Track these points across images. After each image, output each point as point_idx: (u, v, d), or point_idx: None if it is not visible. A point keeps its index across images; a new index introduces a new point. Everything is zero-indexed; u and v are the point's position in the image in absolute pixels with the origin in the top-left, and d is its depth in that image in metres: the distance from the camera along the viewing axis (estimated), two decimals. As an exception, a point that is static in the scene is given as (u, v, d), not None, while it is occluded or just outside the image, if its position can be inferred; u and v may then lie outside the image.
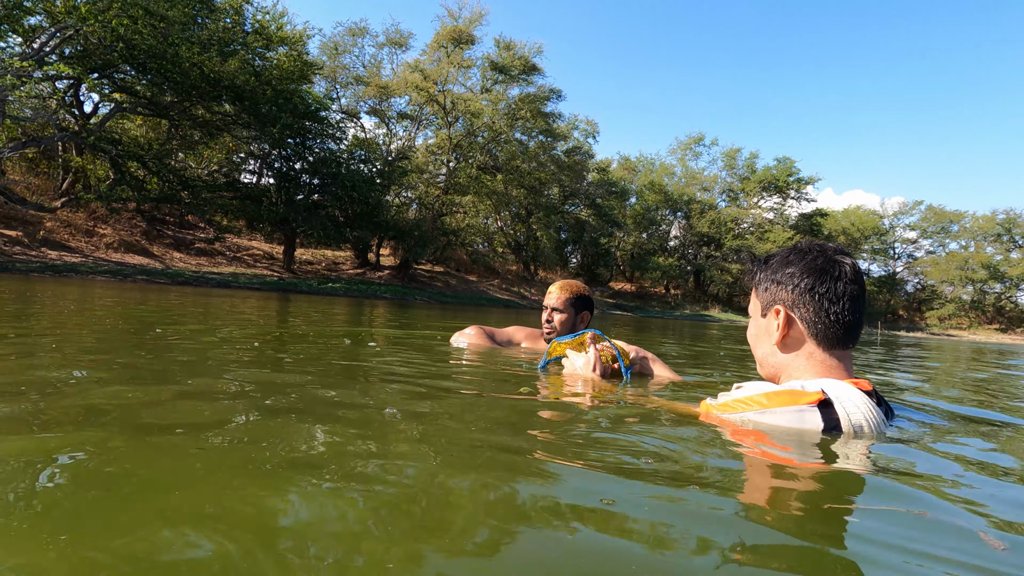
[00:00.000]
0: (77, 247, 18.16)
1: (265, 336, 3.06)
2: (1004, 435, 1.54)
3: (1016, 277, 44.47)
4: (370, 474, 0.83)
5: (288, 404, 1.28)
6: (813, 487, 0.92)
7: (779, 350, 1.43)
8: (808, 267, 1.39)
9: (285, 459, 0.88)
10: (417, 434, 1.07)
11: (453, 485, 0.81)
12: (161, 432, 0.99)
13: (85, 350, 1.98)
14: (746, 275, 1.59)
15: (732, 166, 44.21)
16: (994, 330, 44.94)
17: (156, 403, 1.22)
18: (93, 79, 15.92)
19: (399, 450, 0.96)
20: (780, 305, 1.41)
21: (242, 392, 1.38)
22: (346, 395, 1.43)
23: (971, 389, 2.92)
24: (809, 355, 1.39)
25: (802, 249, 1.45)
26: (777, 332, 1.40)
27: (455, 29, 27.98)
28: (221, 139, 20.75)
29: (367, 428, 1.10)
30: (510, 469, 0.90)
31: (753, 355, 1.54)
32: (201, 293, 10.08)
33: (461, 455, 0.95)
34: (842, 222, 49.12)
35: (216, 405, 1.23)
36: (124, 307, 4.76)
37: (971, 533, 0.75)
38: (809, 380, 1.35)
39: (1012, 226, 46.65)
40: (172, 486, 0.75)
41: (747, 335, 1.58)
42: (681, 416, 1.42)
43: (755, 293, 1.51)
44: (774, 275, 1.45)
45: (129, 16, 14.19)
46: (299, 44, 19.71)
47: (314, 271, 24.47)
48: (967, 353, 8.99)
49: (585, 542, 0.66)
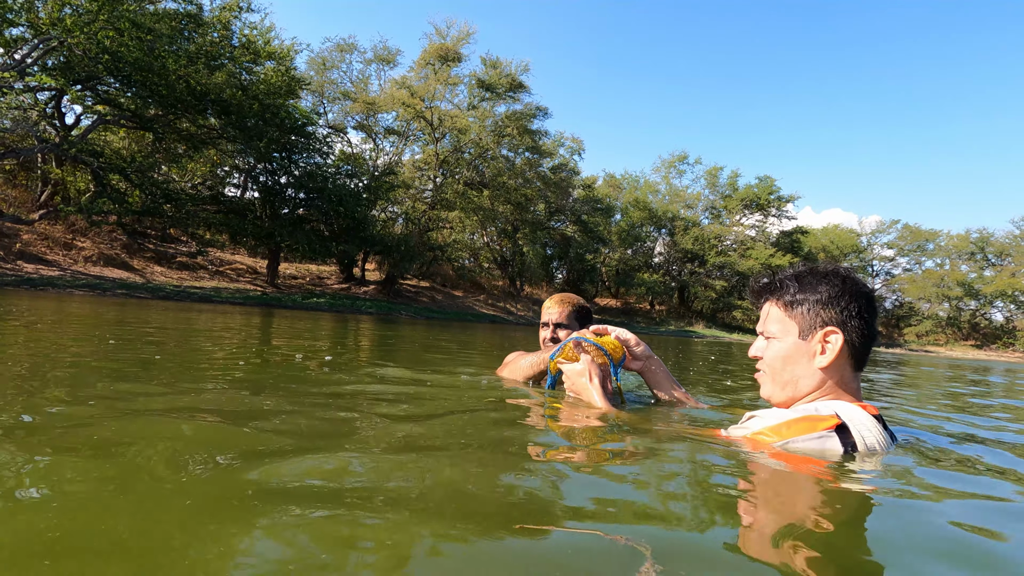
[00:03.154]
0: (55, 260, 17.79)
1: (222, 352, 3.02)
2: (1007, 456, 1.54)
3: (990, 295, 45.55)
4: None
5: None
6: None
7: (821, 373, 1.39)
8: (855, 289, 1.40)
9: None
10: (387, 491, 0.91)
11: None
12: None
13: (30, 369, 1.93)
14: (768, 292, 1.53)
15: (715, 184, 44.94)
16: (970, 346, 45.87)
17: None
18: (76, 91, 15.75)
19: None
20: (835, 327, 1.37)
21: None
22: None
23: (962, 409, 2.97)
24: (841, 378, 1.40)
25: (835, 271, 1.44)
26: (829, 355, 1.37)
27: (442, 47, 28.26)
28: (206, 152, 20.59)
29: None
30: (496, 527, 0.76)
31: (769, 376, 1.47)
32: (182, 308, 9.92)
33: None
34: (822, 240, 50.05)
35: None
36: (84, 322, 4.67)
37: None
38: (821, 402, 1.36)
39: (985, 245, 47.92)
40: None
41: (765, 355, 1.49)
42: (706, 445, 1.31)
43: (787, 312, 1.45)
44: (818, 295, 1.41)
45: (115, 28, 14.11)
46: (287, 59, 19.74)
47: (298, 286, 24.23)
48: (946, 370, 9.16)
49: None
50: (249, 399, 1.54)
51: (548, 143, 32.41)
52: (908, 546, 0.76)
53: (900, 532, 0.81)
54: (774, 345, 1.46)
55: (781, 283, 1.48)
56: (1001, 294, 44.97)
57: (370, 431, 1.24)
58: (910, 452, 1.39)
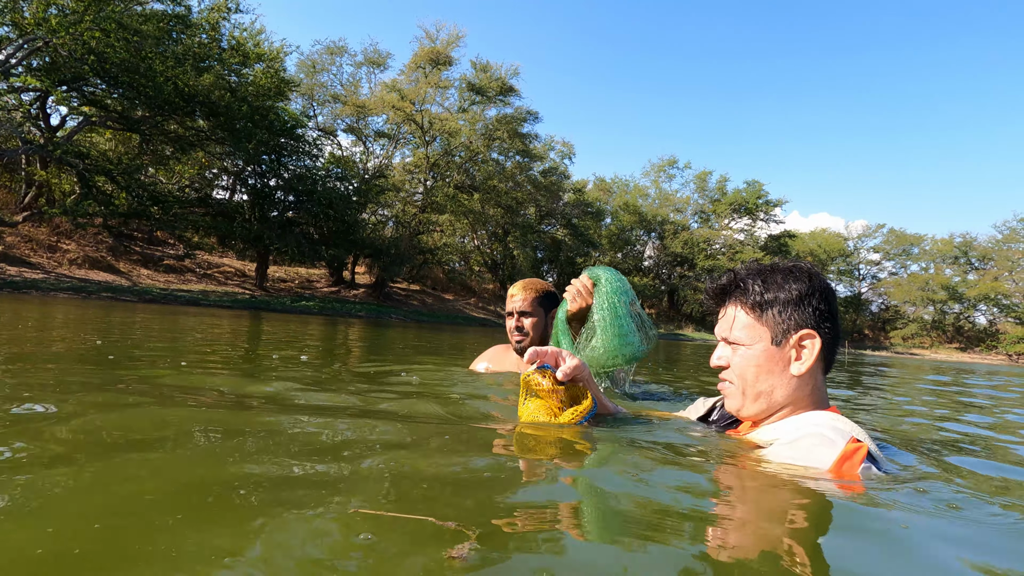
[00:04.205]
0: (38, 263, 17.55)
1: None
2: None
3: (973, 298, 46.24)
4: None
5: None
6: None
7: (796, 381, 1.26)
8: (822, 286, 1.28)
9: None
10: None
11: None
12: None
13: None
14: (730, 293, 1.37)
15: (704, 188, 45.33)
16: (954, 349, 46.51)
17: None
18: (61, 92, 15.58)
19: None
20: (810, 329, 1.24)
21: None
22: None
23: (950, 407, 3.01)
24: (815, 384, 1.29)
25: (799, 267, 1.32)
26: (806, 361, 1.25)
27: (433, 50, 28.30)
28: (194, 154, 20.44)
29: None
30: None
31: (738, 387, 1.32)
32: (169, 312, 9.83)
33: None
34: (809, 244, 50.60)
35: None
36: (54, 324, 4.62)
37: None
38: (814, 414, 1.24)
39: (968, 249, 48.67)
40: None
41: (732, 363, 1.33)
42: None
43: (756, 315, 1.30)
44: (788, 295, 1.27)
45: (101, 29, 13.98)
46: (276, 61, 19.66)
47: (287, 289, 24.08)
48: (929, 373, 9.28)
49: None
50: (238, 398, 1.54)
51: (538, 147, 32.54)
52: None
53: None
54: (743, 353, 1.30)
55: (745, 282, 1.33)
56: (984, 297, 45.68)
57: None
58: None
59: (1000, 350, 44.01)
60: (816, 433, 1.15)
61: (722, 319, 1.38)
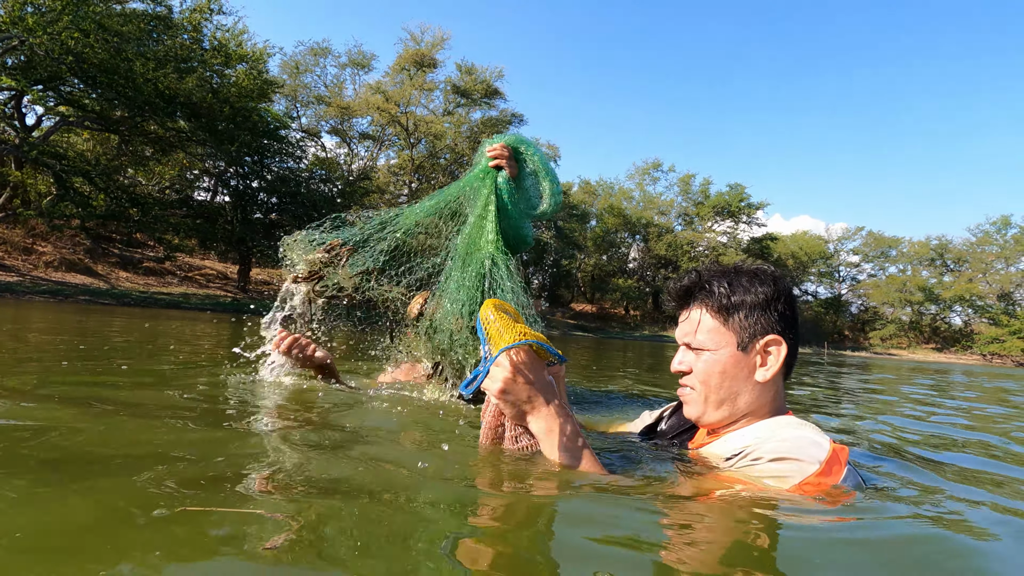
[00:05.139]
0: (13, 265, 17.18)
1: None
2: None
3: (949, 299, 47.26)
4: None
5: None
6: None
7: (760, 387, 1.23)
8: (786, 290, 1.25)
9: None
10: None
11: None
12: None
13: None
14: (694, 295, 1.30)
15: (687, 191, 45.78)
16: (931, 349, 47.48)
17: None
18: (37, 91, 15.29)
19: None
20: (776, 334, 1.21)
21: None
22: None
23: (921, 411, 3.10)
24: (776, 391, 1.26)
25: (763, 270, 1.28)
26: (772, 367, 1.21)
27: (417, 52, 28.27)
28: (174, 156, 20.17)
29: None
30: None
31: (701, 394, 1.26)
32: (149, 315, 9.70)
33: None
34: (791, 246, 51.31)
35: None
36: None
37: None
38: (776, 421, 1.21)
39: (944, 251, 49.77)
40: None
41: (696, 369, 1.26)
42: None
43: (722, 319, 1.24)
44: (754, 298, 1.22)
45: (80, 30, 13.74)
46: (259, 62, 19.48)
47: (271, 291, 23.86)
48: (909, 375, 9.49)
49: None
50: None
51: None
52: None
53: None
54: (707, 358, 1.24)
55: (710, 284, 1.27)
56: (959, 299, 46.73)
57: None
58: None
59: (975, 350, 45.02)
60: (793, 447, 1.10)
61: (684, 322, 1.31)
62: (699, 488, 1.05)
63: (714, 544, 0.81)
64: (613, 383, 3.56)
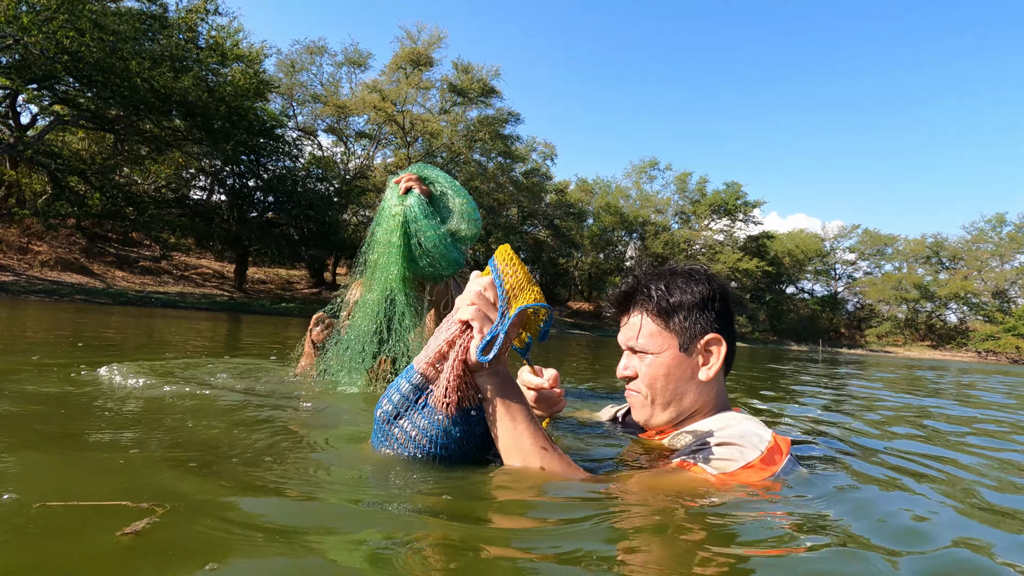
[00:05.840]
0: (8, 265, 17.14)
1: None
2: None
3: (944, 297, 47.47)
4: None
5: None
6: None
7: (703, 387, 1.25)
8: (722, 288, 1.28)
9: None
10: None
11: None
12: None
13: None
14: (634, 301, 1.32)
15: (684, 189, 45.83)
16: (926, 347, 47.68)
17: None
18: (32, 90, 15.24)
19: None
20: (715, 333, 1.24)
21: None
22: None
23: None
24: (720, 388, 1.29)
25: (698, 269, 1.32)
26: (714, 365, 1.24)
27: (414, 51, 28.23)
28: (170, 155, 20.12)
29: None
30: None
31: (647, 397, 1.28)
32: (145, 314, 9.71)
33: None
34: (787, 244, 51.43)
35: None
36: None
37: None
38: (715, 420, 1.23)
39: (939, 249, 49.97)
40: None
41: (640, 373, 1.28)
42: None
43: (662, 322, 1.27)
44: (692, 299, 1.25)
45: (76, 28, 13.71)
46: (255, 61, 19.45)
47: (267, 291, 23.83)
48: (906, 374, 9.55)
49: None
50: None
51: (520, 148, 32.65)
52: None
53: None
54: (651, 361, 1.26)
55: (647, 289, 1.30)
56: (954, 296, 46.94)
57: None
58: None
59: (970, 347, 45.25)
60: (736, 435, 1.11)
61: (626, 327, 1.34)
62: (641, 476, 1.06)
63: (648, 532, 0.82)
64: (613, 380, 3.60)
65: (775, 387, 3.89)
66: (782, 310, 48.31)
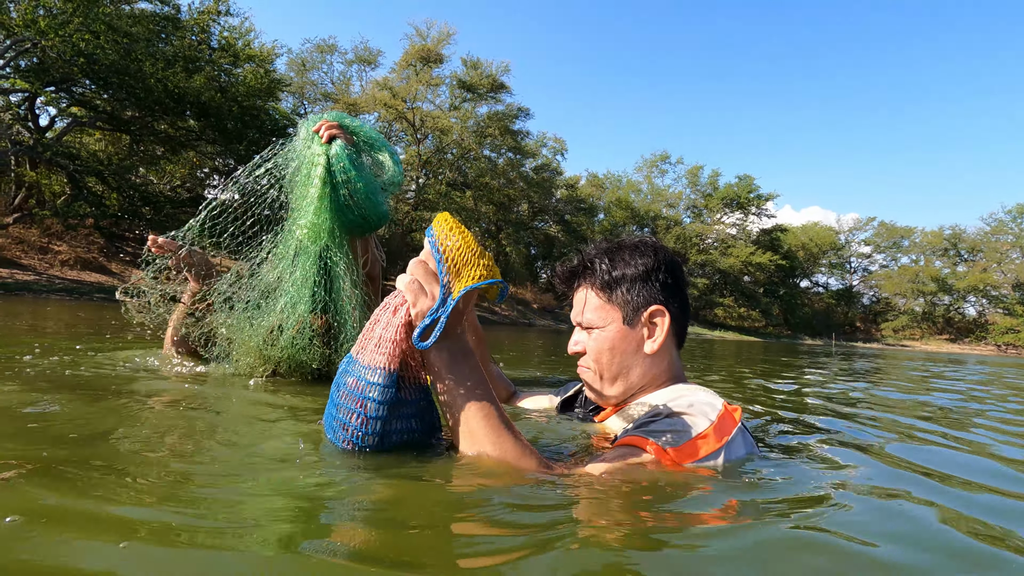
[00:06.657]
0: (30, 264, 17.52)
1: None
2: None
3: (963, 289, 46.72)
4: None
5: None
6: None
7: (650, 360, 1.24)
8: (668, 259, 1.28)
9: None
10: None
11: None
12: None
13: None
14: (578, 276, 1.35)
15: (696, 183, 45.54)
16: (944, 340, 47.00)
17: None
18: (50, 92, 15.55)
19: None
20: (659, 304, 1.23)
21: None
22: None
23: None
24: (670, 360, 1.27)
25: (643, 241, 1.32)
26: (659, 337, 1.23)
27: (423, 48, 28.32)
28: (185, 155, 20.42)
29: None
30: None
31: (595, 372, 1.28)
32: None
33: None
34: (801, 237, 50.92)
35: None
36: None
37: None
38: (666, 392, 1.21)
39: (958, 241, 49.14)
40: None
41: (588, 348, 1.28)
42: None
43: (605, 296, 1.27)
44: (634, 270, 1.25)
45: (91, 31, 13.96)
46: (267, 61, 19.66)
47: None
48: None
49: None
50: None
51: (530, 143, 32.64)
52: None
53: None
54: (596, 336, 1.27)
55: (591, 263, 1.31)
56: (973, 289, 46.18)
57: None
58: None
59: (989, 340, 44.54)
60: (687, 405, 1.09)
61: (575, 302, 1.36)
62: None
63: (602, 523, 0.75)
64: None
65: (773, 376, 3.90)
66: (796, 304, 47.84)
